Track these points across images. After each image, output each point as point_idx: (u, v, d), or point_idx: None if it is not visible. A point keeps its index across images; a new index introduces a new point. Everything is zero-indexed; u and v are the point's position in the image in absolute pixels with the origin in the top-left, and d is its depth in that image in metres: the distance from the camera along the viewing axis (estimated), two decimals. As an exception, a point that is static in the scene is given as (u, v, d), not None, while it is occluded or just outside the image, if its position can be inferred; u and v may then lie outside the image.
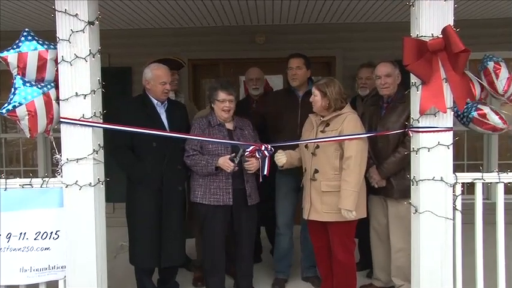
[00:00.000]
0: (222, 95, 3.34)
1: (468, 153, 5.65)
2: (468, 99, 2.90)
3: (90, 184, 2.79)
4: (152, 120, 3.29)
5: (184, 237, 3.47)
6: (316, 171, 3.18)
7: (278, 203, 3.77)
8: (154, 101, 3.39)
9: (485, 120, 3.11)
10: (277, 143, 3.38)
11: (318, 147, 3.19)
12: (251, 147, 3.19)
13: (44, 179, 2.84)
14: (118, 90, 4.47)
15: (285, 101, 3.74)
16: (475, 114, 3.12)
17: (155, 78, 3.35)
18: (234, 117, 3.47)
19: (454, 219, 2.79)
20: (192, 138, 3.31)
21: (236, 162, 3.15)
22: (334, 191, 3.12)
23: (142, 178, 3.29)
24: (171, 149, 3.32)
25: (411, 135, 2.82)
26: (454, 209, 2.79)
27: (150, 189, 3.29)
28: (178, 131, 3.29)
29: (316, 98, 3.24)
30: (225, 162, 3.17)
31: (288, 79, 3.80)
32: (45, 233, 2.85)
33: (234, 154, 3.17)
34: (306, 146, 3.28)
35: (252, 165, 3.25)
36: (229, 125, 3.41)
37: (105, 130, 2.92)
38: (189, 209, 3.63)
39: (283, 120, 3.66)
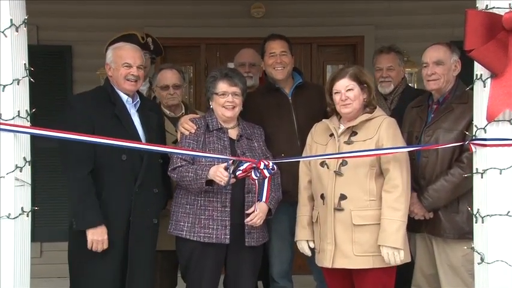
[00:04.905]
0: (222, 87, 3.45)
1: None
2: None
3: (8, 216, 2.70)
4: (122, 124, 3.28)
5: None
6: (342, 197, 3.19)
7: (272, 246, 3.82)
8: (124, 97, 3.35)
9: None
10: (278, 159, 3.42)
11: (344, 163, 3.19)
12: (245, 165, 3.21)
13: None
14: (51, 79, 4.49)
15: (270, 103, 3.81)
16: None
17: (116, 59, 3.33)
18: (240, 121, 3.55)
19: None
20: (171, 152, 3.38)
21: (231, 171, 3.19)
22: (371, 224, 3.15)
23: (93, 224, 3.19)
24: (146, 165, 3.31)
25: (473, 149, 2.79)
26: (541, 259, 2.77)
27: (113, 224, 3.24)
28: (154, 140, 3.31)
29: (354, 92, 3.22)
30: (217, 172, 3.21)
31: (267, 71, 3.86)
32: None
33: (230, 161, 3.22)
34: (323, 164, 3.27)
35: (256, 217, 3.33)
36: (233, 132, 3.51)
37: (35, 137, 2.83)
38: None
39: (273, 129, 3.71)
